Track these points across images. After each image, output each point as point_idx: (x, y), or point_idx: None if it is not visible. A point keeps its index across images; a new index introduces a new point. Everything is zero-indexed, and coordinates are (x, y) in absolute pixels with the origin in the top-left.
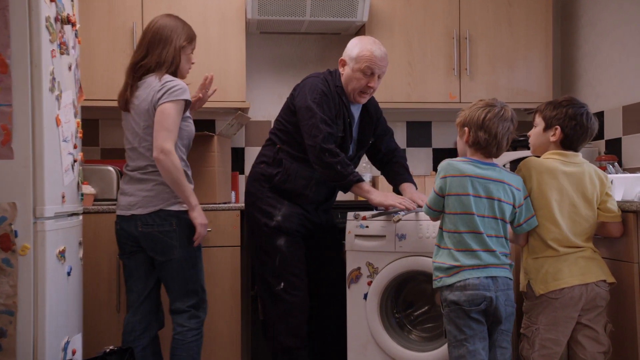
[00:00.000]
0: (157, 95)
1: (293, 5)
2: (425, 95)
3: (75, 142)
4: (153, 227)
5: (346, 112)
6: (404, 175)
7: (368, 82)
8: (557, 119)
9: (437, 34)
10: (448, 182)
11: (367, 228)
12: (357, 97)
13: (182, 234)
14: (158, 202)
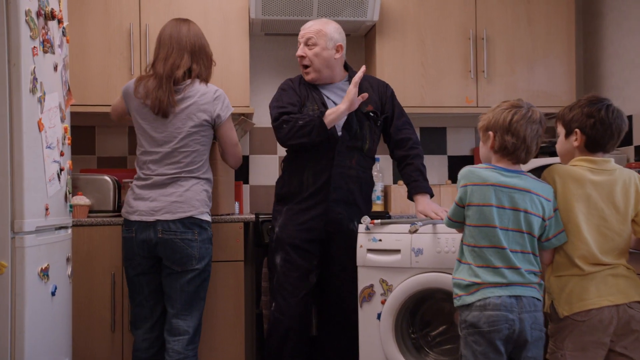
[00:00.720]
0: (214, 106)
1: (299, 4)
2: (439, 99)
3: (62, 149)
4: (176, 234)
5: (317, 95)
6: (419, 181)
7: (297, 54)
8: (575, 121)
9: (452, 33)
10: (469, 191)
11: (380, 242)
12: (303, 75)
13: (202, 245)
14: (189, 208)
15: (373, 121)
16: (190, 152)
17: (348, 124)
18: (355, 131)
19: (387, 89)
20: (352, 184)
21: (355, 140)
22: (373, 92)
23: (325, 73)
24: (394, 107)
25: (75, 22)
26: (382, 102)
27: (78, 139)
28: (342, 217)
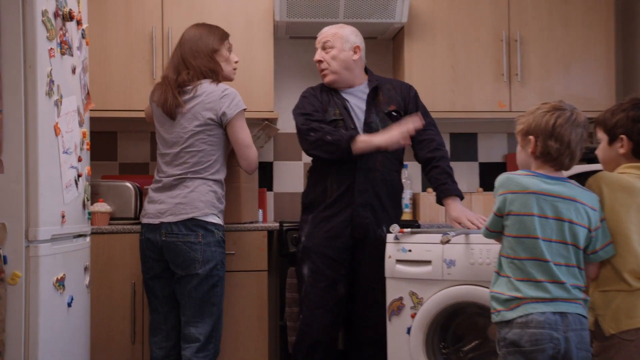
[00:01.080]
0: (220, 104)
1: (325, 5)
2: (471, 103)
3: (81, 155)
4: (178, 236)
5: (338, 100)
6: (447, 184)
7: (314, 58)
8: (620, 126)
9: (484, 35)
10: (508, 199)
11: (410, 252)
12: (322, 78)
13: (207, 248)
14: (192, 210)
15: (396, 120)
16: (196, 152)
17: (368, 125)
18: (377, 131)
19: (410, 89)
20: (378, 186)
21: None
22: (396, 92)
23: (344, 75)
24: (417, 107)
25: (97, 26)
26: (405, 102)
27: (99, 144)
28: (369, 222)
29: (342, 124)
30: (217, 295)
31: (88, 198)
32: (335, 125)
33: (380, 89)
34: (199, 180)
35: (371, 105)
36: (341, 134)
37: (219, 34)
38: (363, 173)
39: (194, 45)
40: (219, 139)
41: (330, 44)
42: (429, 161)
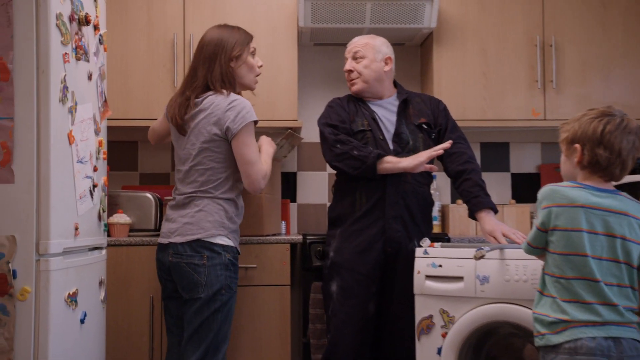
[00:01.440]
0: (225, 118)
1: (351, 10)
2: (503, 111)
3: (96, 164)
4: (182, 257)
5: (366, 111)
6: (480, 196)
7: (344, 68)
8: None
9: (516, 40)
10: (553, 213)
11: (441, 268)
12: (350, 88)
13: (212, 271)
14: (197, 230)
15: (427, 133)
16: (205, 170)
17: (398, 136)
18: (407, 143)
19: (439, 103)
20: (409, 199)
21: (409, 153)
22: (425, 106)
23: (374, 86)
24: (447, 120)
25: (117, 33)
26: (434, 115)
27: (120, 154)
28: (401, 236)
29: (370, 135)
30: (218, 321)
31: (104, 209)
32: (363, 136)
33: (410, 102)
34: (207, 199)
35: (401, 117)
36: (368, 151)
37: (241, 37)
38: (393, 185)
39: (212, 51)
40: (227, 155)
41: (362, 53)
42: (460, 174)
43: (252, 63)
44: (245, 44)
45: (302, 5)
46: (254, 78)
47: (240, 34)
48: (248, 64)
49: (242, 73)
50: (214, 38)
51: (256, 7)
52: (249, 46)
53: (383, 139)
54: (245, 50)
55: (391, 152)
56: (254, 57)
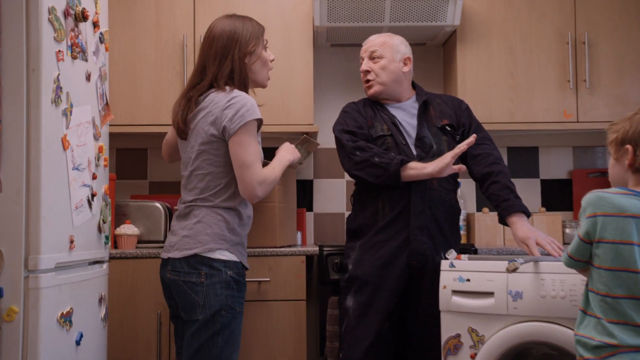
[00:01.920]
0: (223, 116)
1: (369, 8)
2: (532, 113)
3: (96, 172)
4: (179, 274)
5: (385, 115)
6: (510, 199)
7: (361, 68)
8: None
9: (546, 38)
10: (599, 223)
11: (469, 282)
12: (366, 90)
13: (211, 290)
14: (194, 244)
15: (451, 136)
16: (204, 176)
17: (421, 140)
18: (431, 147)
19: (461, 103)
20: (435, 208)
21: (433, 157)
22: (447, 106)
23: (392, 88)
24: (470, 120)
25: (124, 34)
26: (457, 116)
27: (128, 162)
28: (427, 248)
29: (390, 140)
30: (217, 345)
31: (105, 220)
32: (383, 141)
33: (430, 103)
34: (206, 208)
35: (422, 119)
36: (391, 157)
37: (254, 29)
38: (419, 193)
39: (224, 45)
40: (227, 158)
41: (379, 53)
42: (487, 176)
43: (266, 58)
44: (259, 37)
45: (318, 3)
46: (267, 74)
47: (253, 25)
48: (262, 59)
49: (256, 69)
50: (225, 30)
51: (269, 6)
52: (262, 39)
53: (405, 144)
54: (260, 43)
55: (414, 158)
56: (267, 51)
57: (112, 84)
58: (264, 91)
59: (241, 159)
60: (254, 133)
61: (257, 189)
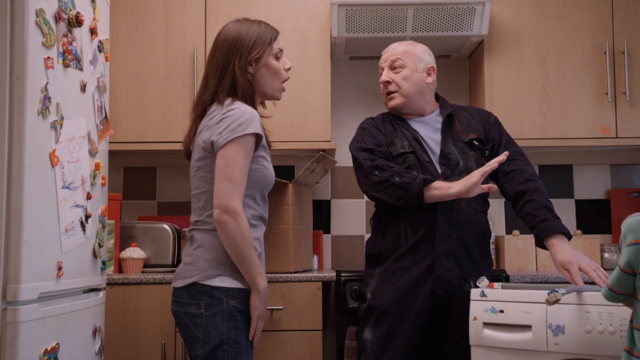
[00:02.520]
0: (215, 129)
1: (390, 17)
2: (566, 128)
3: (91, 191)
4: (180, 305)
5: (407, 130)
6: (548, 220)
7: (381, 79)
8: None
9: (581, 48)
10: None
11: (502, 314)
12: (386, 103)
13: (211, 323)
14: (193, 272)
15: (479, 151)
16: (201, 195)
17: (446, 157)
18: (457, 164)
19: (489, 115)
20: (463, 231)
21: (460, 175)
22: (474, 119)
23: (415, 101)
24: (500, 133)
25: (132, 47)
26: (485, 129)
27: (136, 182)
28: (454, 276)
29: (412, 158)
30: None
31: (101, 244)
32: (405, 159)
33: (455, 116)
34: (203, 232)
35: (447, 134)
36: (413, 177)
37: (262, 33)
38: (445, 215)
39: (226, 54)
40: None
41: (401, 62)
42: (521, 195)
43: (276, 67)
44: (266, 43)
45: (336, 13)
46: (279, 85)
47: (262, 29)
48: (271, 67)
49: (264, 79)
50: (229, 37)
51: (284, 16)
52: (271, 45)
53: (429, 162)
54: (267, 50)
55: (439, 177)
56: (281, 59)
57: (119, 98)
58: (278, 105)
59: (224, 173)
60: (246, 151)
61: (225, 214)
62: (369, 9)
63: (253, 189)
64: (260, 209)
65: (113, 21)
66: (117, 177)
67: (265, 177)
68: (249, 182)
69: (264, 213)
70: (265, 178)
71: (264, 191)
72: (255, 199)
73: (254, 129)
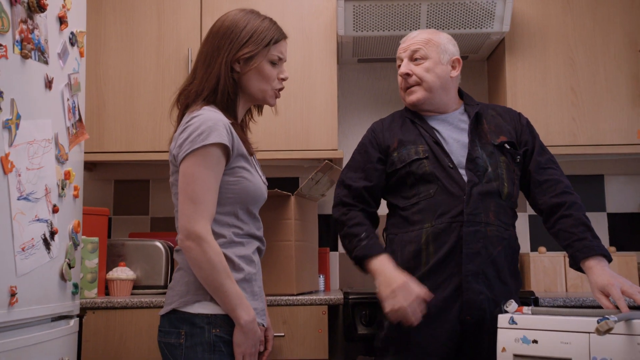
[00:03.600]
0: (179, 139)
1: (402, 13)
2: (598, 134)
3: (58, 204)
4: (161, 335)
5: (426, 131)
6: (586, 239)
7: (400, 71)
8: None
9: (613, 46)
10: None
11: (536, 344)
12: (405, 97)
13: (192, 354)
14: (174, 297)
15: (510, 156)
16: (177, 213)
17: (473, 162)
18: (485, 170)
19: (520, 116)
20: (493, 247)
21: (489, 182)
22: (503, 120)
23: (438, 96)
24: (534, 138)
25: (122, 49)
26: (516, 132)
27: (128, 196)
28: (484, 299)
29: (428, 164)
30: None
31: (72, 264)
32: (419, 165)
33: (483, 116)
34: (182, 252)
35: (474, 136)
36: (355, 244)
37: (263, 30)
38: (472, 228)
39: (217, 44)
40: None
41: (423, 53)
42: (556, 208)
43: (267, 72)
44: (263, 44)
45: (342, 9)
46: (270, 90)
47: (264, 26)
48: (262, 72)
49: (250, 82)
50: (223, 26)
51: (286, 14)
52: (269, 48)
53: (453, 168)
54: (262, 52)
55: (464, 184)
56: (277, 66)
57: (107, 104)
58: (279, 110)
59: (184, 192)
60: (209, 164)
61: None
62: (379, 5)
63: (233, 205)
64: (247, 226)
65: (101, 21)
66: (107, 191)
67: (247, 190)
68: (227, 198)
69: (254, 230)
70: (247, 191)
71: (248, 206)
72: (237, 216)
73: (216, 138)
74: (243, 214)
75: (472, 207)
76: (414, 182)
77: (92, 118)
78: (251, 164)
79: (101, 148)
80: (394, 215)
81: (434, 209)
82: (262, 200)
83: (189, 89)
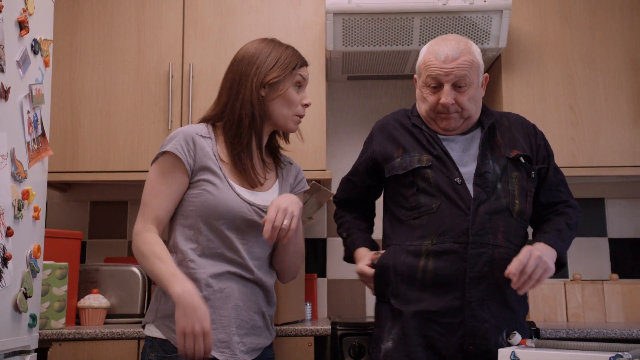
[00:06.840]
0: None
1: (394, 28)
2: (598, 156)
3: (12, 226)
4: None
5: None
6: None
7: (438, 98)
8: None
9: (615, 62)
10: None
11: None
12: (436, 123)
13: None
14: (148, 315)
15: (525, 171)
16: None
17: (482, 176)
18: (495, 186)
19: (535, 129)
20: (499, 271)
21: (498, 200)
22: (517, 131)
23: (472, 120)
24: (549, 157)
25: (99, 64)
26: (531, 147)
27: (104, 218)
28: (489, 328)
29: (432, 175)
30: None
31: (29, 294)
32: (423, 175)
33: (496, 127)
34: None
35: (486, 148)
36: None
37: (287, 57)
38: (478, 250)
39: (243, 71)
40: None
41: (469, 80)
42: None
43: (292, 97)
44: (289, 69)
45: (332, 23)
46: (291, 116)
47: (288, 54)
48: (286, 97)
49: (274, 107)
50: (248, 53)
51: (272, 29)
52: (293, 74)
53: (461, 184)
54: (288, 77)
55: (471, 200)
56: (300, 90)
57: (82, 121)
58: None
59: (142, 199)
60: (161, 171)
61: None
62: (370, 19)
63: (195, 219)
64: (211, 243)
65: (77, 34)
66: (82, 213)
67: (207, 203)
68: (189, 210)
69: (223, 250)
70: (207, 205)
71: (211, 221)
72: (199, 231)
73: (169, 147)
74: (206, 230)
75: (478, 227)
76: (415, 193)
77: (66, 136)
78: (223, 178)
79: (75, 167)
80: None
81: (436, 226)
82: (231, 217)
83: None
